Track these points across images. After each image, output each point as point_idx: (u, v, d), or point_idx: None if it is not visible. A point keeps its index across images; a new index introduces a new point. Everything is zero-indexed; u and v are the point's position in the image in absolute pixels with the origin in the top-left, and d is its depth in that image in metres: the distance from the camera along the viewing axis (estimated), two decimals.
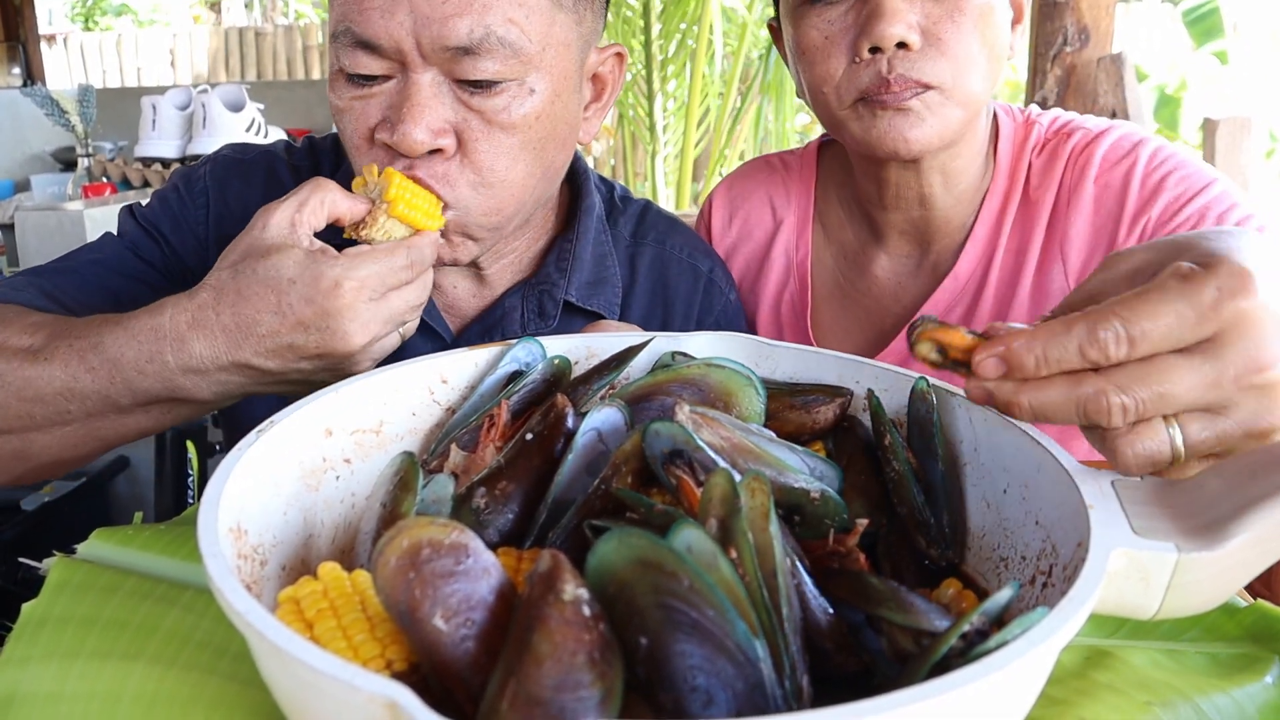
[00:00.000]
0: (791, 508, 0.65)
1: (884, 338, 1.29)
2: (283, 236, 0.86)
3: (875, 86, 1.06)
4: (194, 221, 1.15)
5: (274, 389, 0.88)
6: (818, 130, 1.48)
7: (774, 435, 0.71)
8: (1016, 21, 1.15)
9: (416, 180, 0.94)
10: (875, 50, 1.05)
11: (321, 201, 0.89)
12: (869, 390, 0.75)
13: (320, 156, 1.22)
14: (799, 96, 1.21)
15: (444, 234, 0.98)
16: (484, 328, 1.15)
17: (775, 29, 1.25)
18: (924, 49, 1.05)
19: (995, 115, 1.24)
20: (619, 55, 1.10)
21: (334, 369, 0.85)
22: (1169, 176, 1.12)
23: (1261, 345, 0.57)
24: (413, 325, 0.92)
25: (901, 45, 1.04)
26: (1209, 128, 2.80)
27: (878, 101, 1.07)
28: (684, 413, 0.65)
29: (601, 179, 1.29)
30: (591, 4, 1.02)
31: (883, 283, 1.29)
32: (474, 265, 1.12)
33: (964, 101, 1.08)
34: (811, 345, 1.25)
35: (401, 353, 1.11)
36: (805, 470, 0.67)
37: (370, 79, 0.94)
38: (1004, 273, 1.22)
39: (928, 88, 1.06)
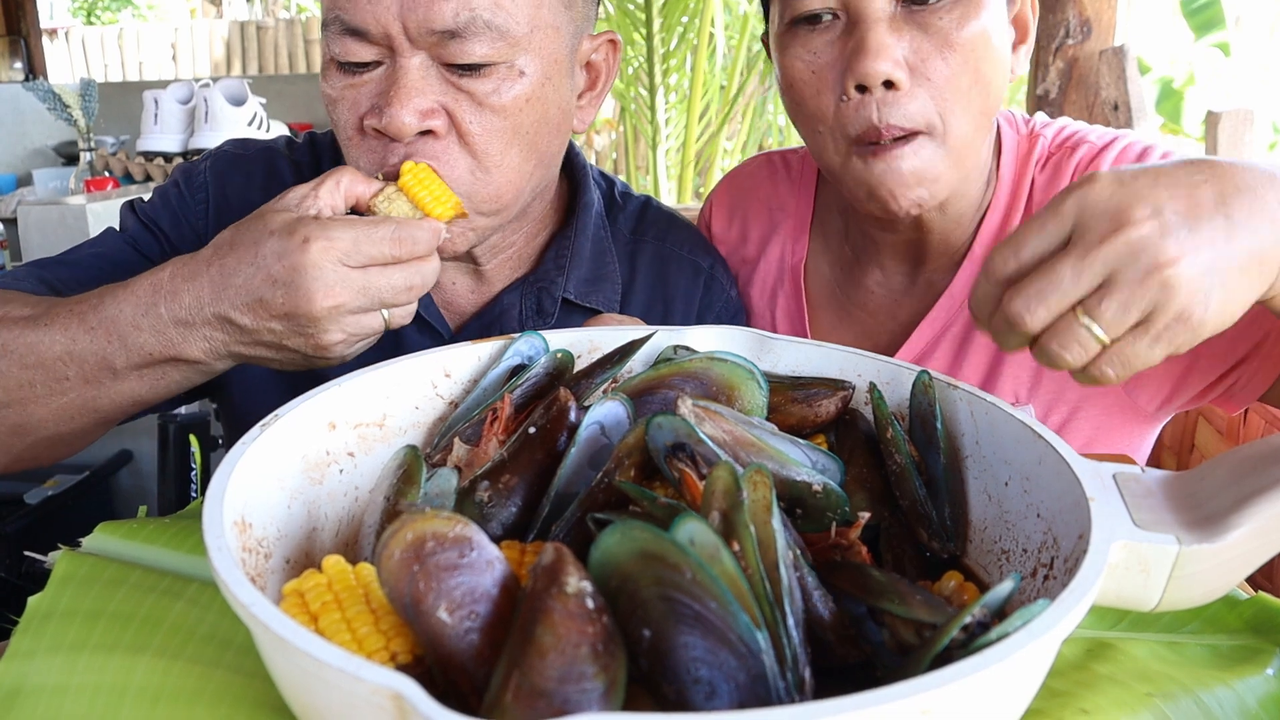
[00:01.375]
0: (794, 500, 0.65)
1: (882, 352, 1.25)
2: (286, 203, 0.87)
3: (868, 135, 1.00)
4: (193, 217, 1.15)
5: (255, 352, 0.87)
6: None
7: (776, 428, 0.71)
8: (1020, 42, 1.09)
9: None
10: (861, 89, 0.99)
11: (338, 182, 0.90)
12: (871, 384, 0.76)
13: (322, 152, 1.22)
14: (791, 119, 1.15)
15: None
16: (482, 325, 1.14)
17: (768, 44, 1.19)
18: (912, 88, 0.99)
19: (998, 126, 1.19)
20: (613, 42, 1.10)
21: (302, 333, 0.84)
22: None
23: (1112, 207, 0.67)
24: (402, 313, 0.89)
25: (888, 84, 0.98)
26: (1211, 120, 2.80)
27: (870, 150, 1.01)
28: (686, 406, 0.65)
29: (602, 174, 1.28)
30: None
31: (878, 298, 1.26)
32: (472, 261, 1.12)
33: (955, 147, 1.02)
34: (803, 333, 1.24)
35: (399, 349, 1.11)
36: (807, 463, 0.67)
37: (360, 66, 0.95)
38: None
39: (916, 133, 1.00)
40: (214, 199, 1.16)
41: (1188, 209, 0.66)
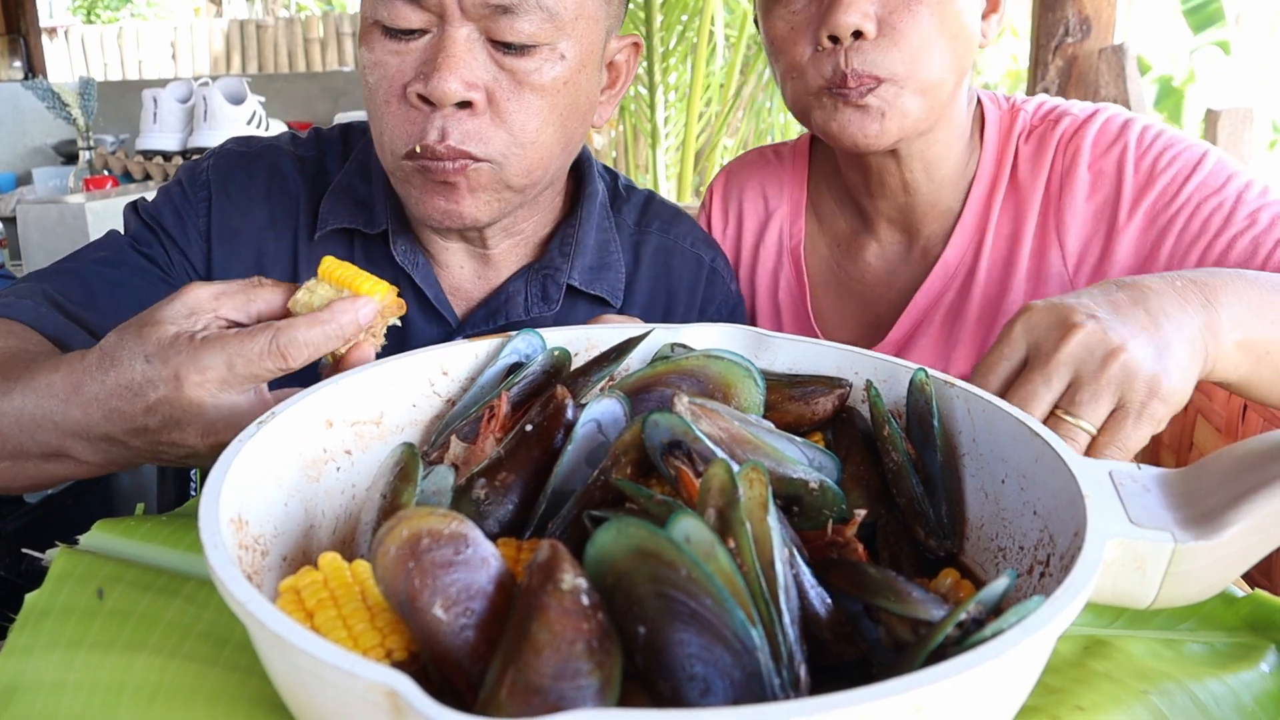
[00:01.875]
0: (790, 498, 0.65)
1: (881, 323, 1.32)
2: (176, 310, 0.78)
3: (834, 80, 1.10)
4: (196, 215, 1.15)
5: (153, 460, 0.82)
6: None
7: (773, 426, 0.71)
8: (991, 11, 1.17)
9: (447, 148, 0.96)
10: (834, 40, 1.08)
11: (249, 297, 0.81)
12: (868, 381, 0.76)
13: (325, 148, 1.22)
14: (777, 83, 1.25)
15: (475, 187, 0.99)
16: (489, 311, 1.15)
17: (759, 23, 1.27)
18: (879, 39, 1.08)
19: (981, 103, 1.27)
20: (635, 46, 1.13)
21: (199, 457, 0.79)
22: (1161, 156, 1.15)
23: (1053, 321, 0.78)
24: (358, 355, 0.80)
25: (858, 34, 1.07)
26: (1211, 119, 2.80)
27: (839, 94, 1.10)
28: (683, 404, 0.65)
29: (605, 169, 1.30)
30: None
31: (876, 270, 1.32)
32: (482, 244, 1.13)
33: (922, 89, 1.11)
34: (813, 331, 1.29)
35: (407, 336, 1.11)
36: (804, 461, 0.67)
37: (407, 33, 0.96)
38: (995, 258, 1.23)
39: (881, 81, 1.09)
40: (216, 197, 1.16)
41: (1113, 309, 0.78)
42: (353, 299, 0.79)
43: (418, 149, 0.97)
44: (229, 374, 0.75)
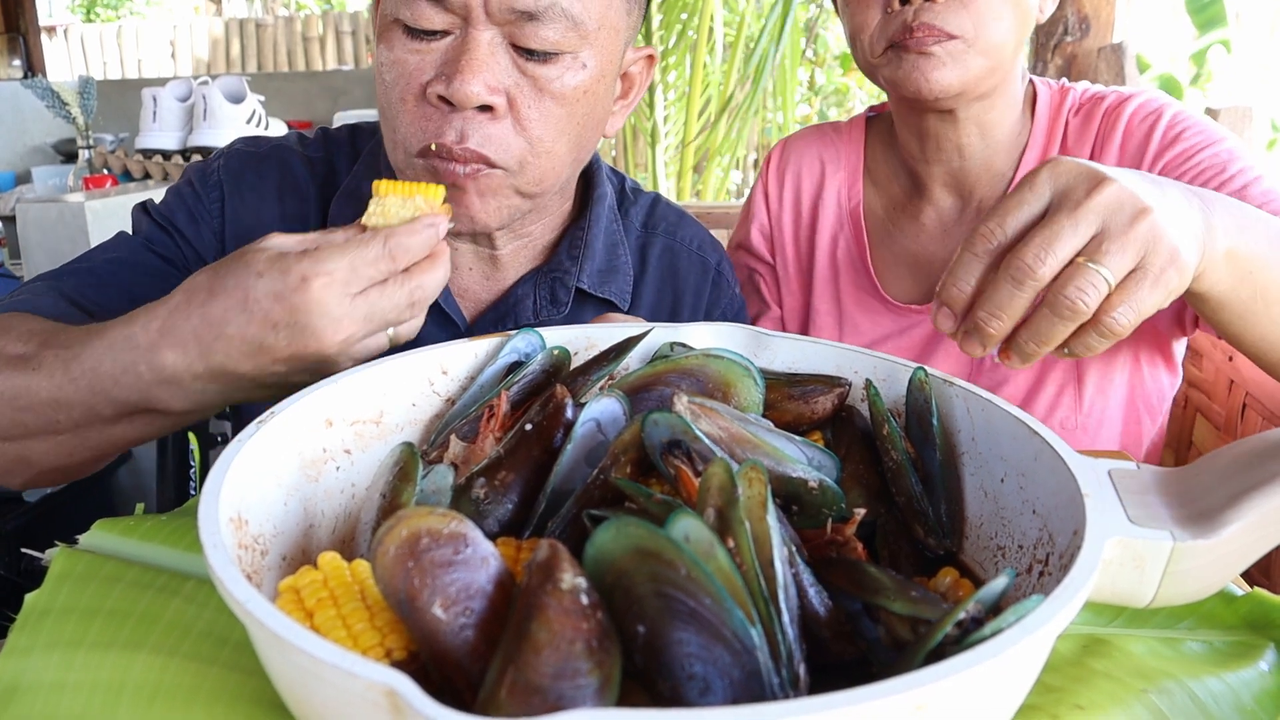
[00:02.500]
0: (790, 497, 0.65)
1: (936, 284, 1.35)
2: (269, 243, 0.81)
3: (901, 33, 1.17)
4: (209, 215, 1.15)
5: (254, 395, 0.83)
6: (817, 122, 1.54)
7: (772, 425, 0.71)
8: None
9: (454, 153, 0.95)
10: (905, 1, 1.17)
11: (324, 235, 0.84)
12: (867, 381, 0.76)
13: (334, 148, 1.22)
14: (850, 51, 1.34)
15: (485, 191, 0.99)
16: (498, 314, 1.15)
17: None
18: (949, 1, 1.15)
19: (1033, 83, 1.35)
20: (649, 58, 1.13)
21: (312, 370, 0.80)
22: (1187, 130, 1.23)
23: (1085, 174, 0.75)
24: (407, 330, 0.85)
25: None
26: (1211, 117, 2.79)
27: (903, 46, 1.18)
28: (682, 403, 0.65)
29: (613, 170, 1.30)
30: (640, 1, 1.05)
31: (930, 232, 1.40)
32: (490, 245, 1.13)
33: (986, 50, 1.18)
34: (875, 289, 1.40)
35: (416, 339, 1.11)
36: (803, 460, 0.67)
37: (429, 34, 0.96)
38: None
39: (950, 37, 1.16)
40: (229, 196, 1.16)
41: (1137, 180, 0.76)
42: (430, 215, 0.83)
43: (433, 146, 0.96)
44: (351, 274, 0.77)
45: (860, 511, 0.64)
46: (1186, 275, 0.75)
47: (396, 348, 0.81)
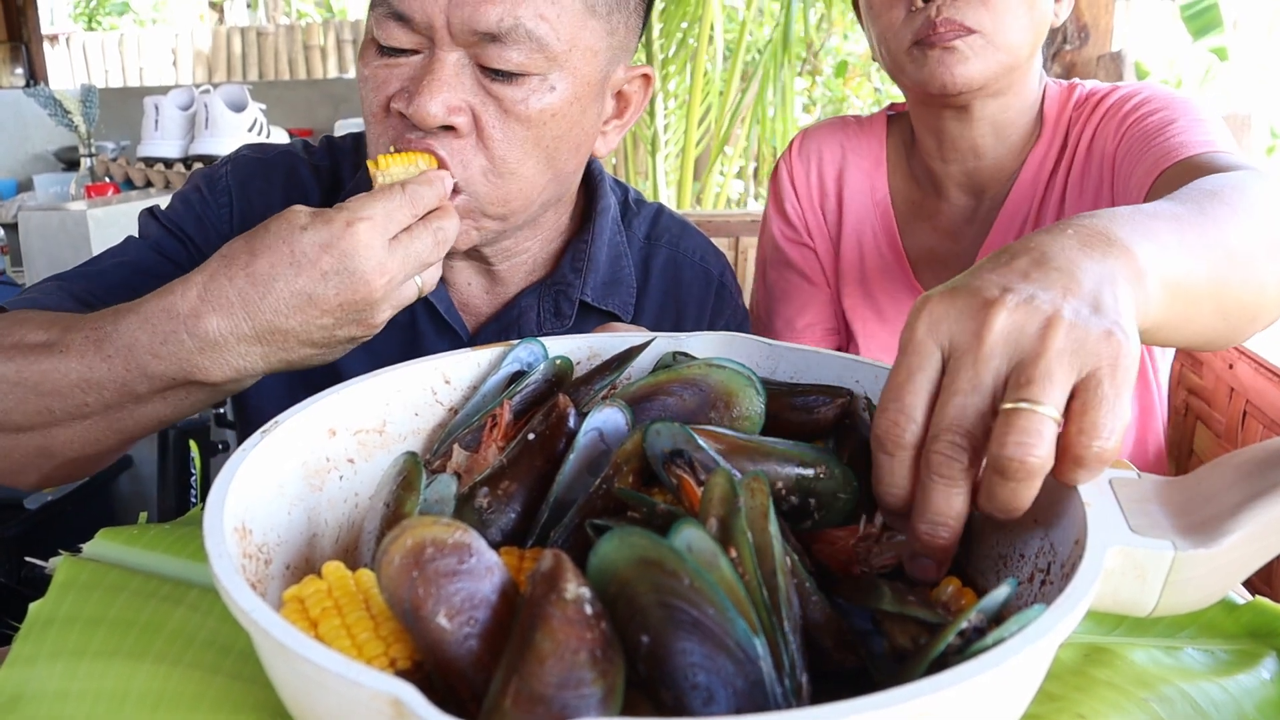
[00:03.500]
0: (805, 492, 0.65)
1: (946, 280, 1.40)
2: (294, 209, 0.85)
3: (924, 29, 1.24)
4: (218, 220, 1.15)
5: (294, 355, 0.84)
6: None
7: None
8: None
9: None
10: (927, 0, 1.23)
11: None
12: (866, 399, 0.76)
13: (340, 156, 1.22)
14: (874, 60, 1.45)
15: None
16: (500, 327, 1.16)
17: None
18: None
19: (1046, 86, 1.40)
20: (646, 77, 1.12)
21: (357, 320, 0.84)
22: (1153, 98, 1.28)
23: (960, 308, 0.59)
24: (431, 276, 0.91)
25: None
26: None
27: (928, 43, 1.24)
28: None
29: (616, 182, 1.30)
30: (627, 19, 1.04)
31: (944, 229, 1.46)
32: (483, 261, 1.13)
33: (1005, 47, 1.24)
34: (910, 278, 1.45)
35: (419, 348, 1.11)
36: (808, 457, 0.67)
37: (399, 51, 0.97)
38: (1049, 208, 1.37)
39: (970, 31, 1.22)
40: (237, 201, 1.16)
41: (1021, 277, 0.60)
42: (434, 171, 0.92)
43: (391, 149, 0.97)
44: (387, 220, 0.84)
45: (878, 520, 0.64)
46: (1136, 353, 0.58)
47: (399, 359, 0.82)
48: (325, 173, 1.20)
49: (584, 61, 0.99)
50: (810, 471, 0.65)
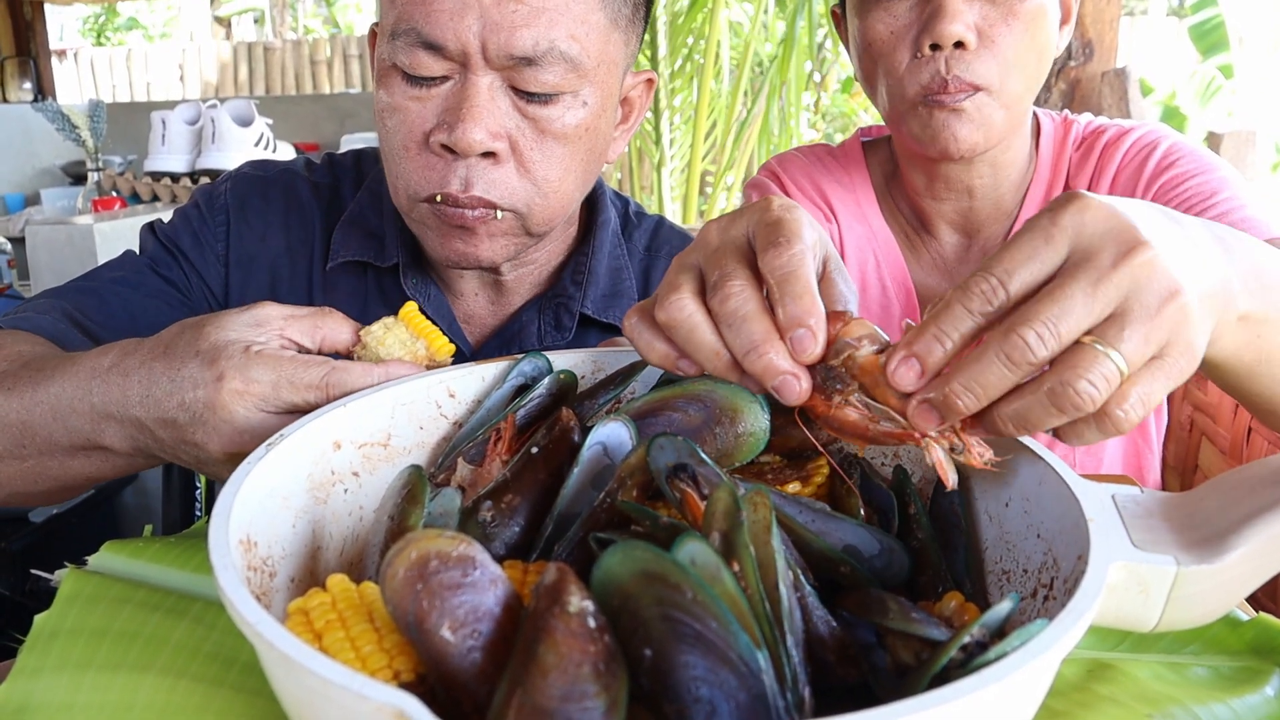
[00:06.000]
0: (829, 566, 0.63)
1: None
2: (243, 319, 0.78)
3: (934, 85, 1.16)
4: (214, 239, 1.16)
5: (171, 458, 0.80)
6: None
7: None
8: (1064, 22, 1.24)
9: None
10: (935, 47, 1.15)
11: (316, 325, 0.81)
12: None
13: (341, 173, 1.23)
14: (856, 80, 1.34)
15: (494, 233, 1.00)
16: (502, 340, 1.16)
17: (838, 16, 1.36)
18: (978, 49, 1.15)
19: (1036, 115, 1.36)
20: (649, 82, 1.13)
21: (201, 464, 0.79)
22: (1181, 159, 1.25)
23: (1116, 229, 0.57)
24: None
25: (959, 44, 1.14)
26: (1213, 141, 2.81)
27: (936, 102, 1.17)
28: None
29: (616, 194, 1.31)
30: (636, 29, 1.05)
31: (933, 267, 1.40)
32: (494, 271, 1.14)
33: (1008, 103, 1.18)
34: (914, 305, 1.37)
35: None
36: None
37: (429, 80, 0.96)
38: None
39: (978, 89, 1.16)
40: (233, 221, 1.17)
41: (1167, 235, 0.60)
42: (411, 365, 0.79)
43: (438, 197, 0.97)
44: (272, 394, 0.74)
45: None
46: (1197, 361, 0.60)
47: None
48: (326, 190, 1.20)
49: (608, 74, 1.01)
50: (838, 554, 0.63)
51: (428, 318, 0.86)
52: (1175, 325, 0.57)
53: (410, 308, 0.84)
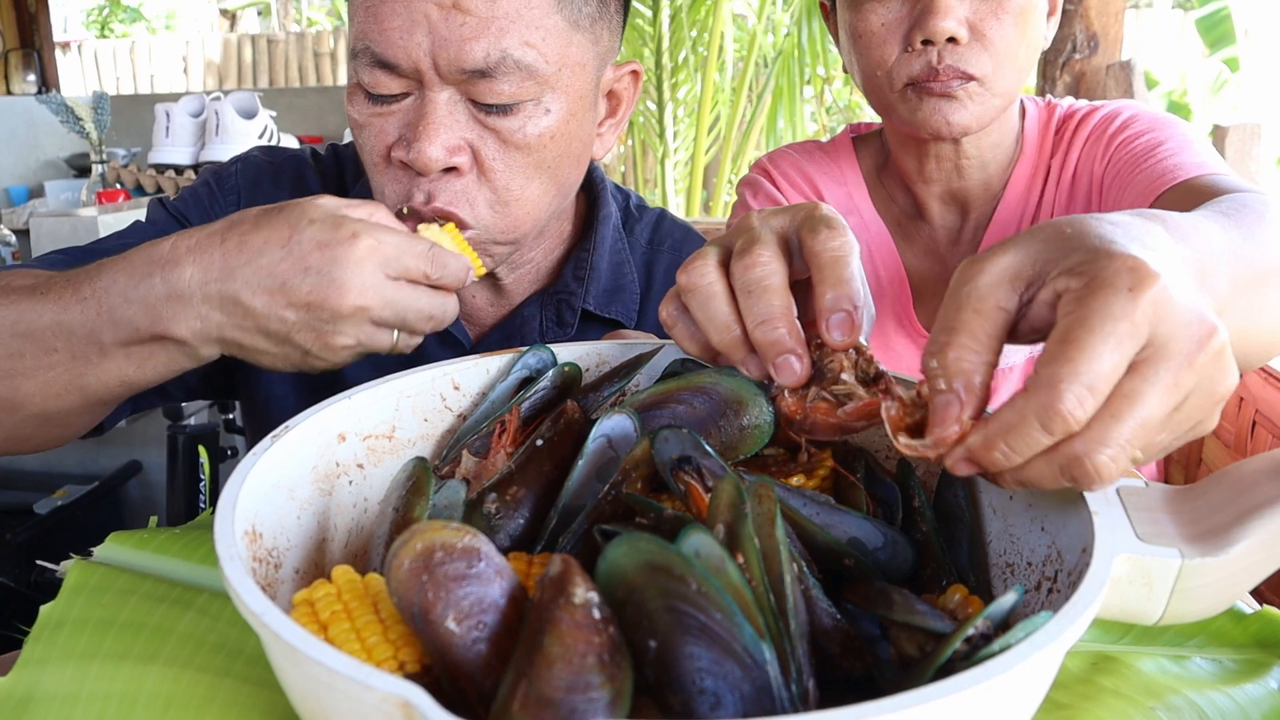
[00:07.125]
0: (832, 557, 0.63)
1: (934, 304, 1.39)
2: (325, 201, 0.84)
3: (924, 74, 1.18)
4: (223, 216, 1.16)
5: (250, 341, 0.82)
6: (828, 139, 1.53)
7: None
8: (1050, 14, 1.27)
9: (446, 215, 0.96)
10: (927, 42, 1.17)
11: (371, 213, 0.86)
12: None
13: (345, 165, 1.23)
14: (846, 69, 1.35)
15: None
16: (503, 336, 1.16)
17: (827, 9, 1.38)
18: (970, 43, 1.17)
19: (1021, 101, 1.38)
20: (635, 73, 1.11)
21: (317, 328, 0.81)
22: (1136, 121, 1.28)
23: (1193, 318, 0.52)
24: (413, 341, 0.88)
25: (951, 39, 1.16)
26: (1219, 134, 2.80)
27: (925, 88, 1.19)
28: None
29: (618, 188, 1.30)
30: (609, 23, 1.03)
31: (928, 252, 1.42)
32: (490, 275, 1.13)
33: (1001, 93, 1.20)
34: (907, 294, 1.38)
35: (420, 358, 1.12)
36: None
37: (389, 98, 0.95)
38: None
39: (970, 78, 1.18)
40: (244, 202, 1.17)
41: (1201, 301, 0.54)
42: (466, 262, 0.89)
43: (404, 211, 0.97)
44: (394, 255, 0.81)
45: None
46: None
47: (406, 364, 0.82)
48: (332, 180, 1.21)
49: (574, 77, 0.98)
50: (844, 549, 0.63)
51: None
52: (1213, 407, 0.55)
53: (451, 226, 0.93)
